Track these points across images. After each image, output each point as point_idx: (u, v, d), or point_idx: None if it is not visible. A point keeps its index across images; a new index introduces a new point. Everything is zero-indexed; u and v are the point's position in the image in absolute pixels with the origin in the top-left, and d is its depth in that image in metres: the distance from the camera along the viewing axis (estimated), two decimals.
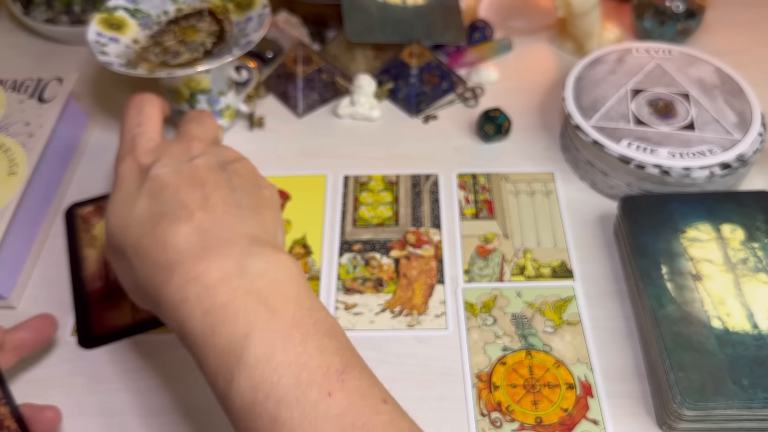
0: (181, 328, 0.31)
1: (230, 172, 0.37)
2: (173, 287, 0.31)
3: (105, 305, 0.46)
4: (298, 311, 0.31)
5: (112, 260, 0.38)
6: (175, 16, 0.56)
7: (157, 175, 0.35)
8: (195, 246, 0.32)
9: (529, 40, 0.67)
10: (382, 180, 0.55)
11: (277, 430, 0.28)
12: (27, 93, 0.53)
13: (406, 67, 0.60)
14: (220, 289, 0.30)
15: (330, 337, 0.30)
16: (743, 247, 0.44)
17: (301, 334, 0.30)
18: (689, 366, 0.38)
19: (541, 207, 0.52)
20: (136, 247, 0.34)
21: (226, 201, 0.35)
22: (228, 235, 0.33)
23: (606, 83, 0.55)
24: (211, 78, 0.53)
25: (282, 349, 0.29)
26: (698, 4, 0.63)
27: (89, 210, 0.52)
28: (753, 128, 0.50)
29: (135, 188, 0.36)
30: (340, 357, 0.30)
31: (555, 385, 0.42)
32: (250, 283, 0.31)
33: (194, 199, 0.34)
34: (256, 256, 0.32)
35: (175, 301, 0.31)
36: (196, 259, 0.31)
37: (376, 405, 0.29)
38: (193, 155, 0.37)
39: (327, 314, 0.32)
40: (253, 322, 0.30)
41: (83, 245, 0.49)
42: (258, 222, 0.35)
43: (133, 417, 0.41)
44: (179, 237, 0.32)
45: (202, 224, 0.33)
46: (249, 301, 0.30)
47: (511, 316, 0.45)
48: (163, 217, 0.33)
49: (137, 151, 0.37)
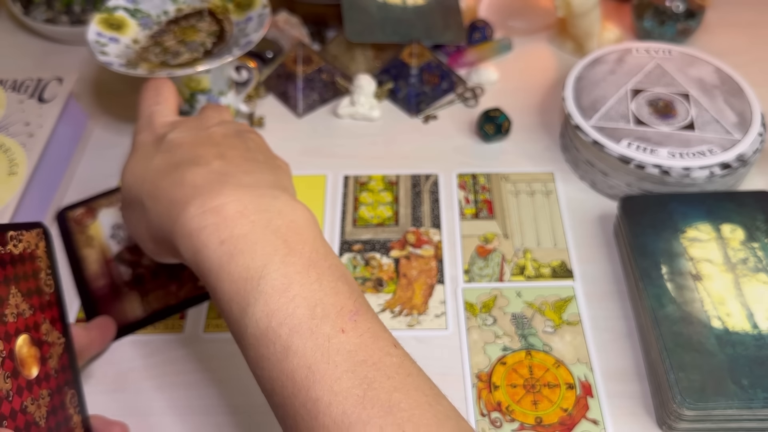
0: (197, 255, 0.31)
1: (245, 139, 0.38)
2: (189, 216, 0.32)
3: (112, 301, 0.46)
4: (314, 253, 0.31)
5: (125, 214, 0.38)
6: (175, 16, 0.56)
7: (173, 138, 0.37)
8: (213, 182, 0.33)
9: (529, 40, 0.67)
10: (382, 180, 0.55)
11: (289, 358, 0.28)
12: (27, 93, 0.53)
13: (406, 67, 0.60)
14: (238, 221, 0.31)
15: (343, 282, 0.31)
16: (743, 247, 0.44)
17: (317, 273, 0.30)
18: (689, 366, 0.38)
19: (541, 207, 0.52)
20: (153, 190, 0.34)
21: (242, 156, 0.36)
22: (246, 178, 0.34)
23: (606, 83, 0.55)
24: (211, 78, 0.53)
25: (298, 282, 0.30)
26: (698, 4, 0.63)
27: (81, 212, 0.52)
28: (753, 128, 0.50)
29: (152, 150, 0.37)
30: (353, 301, 0.30)
31: (555, 385, 0.42)
32: (268, 219, 0.32)
33: (211, 152, 0.35)
34: (275, 198, 0.33)
35: (191, 229, 0.32)
36: (214, 193, 0.32)
37: (387, 347, 0.29)
38: (209, 125, 0.38)
39: (340, 262, 0.33)
40: (271, 254, 0.30)
41: (81, 246, 0.49)
42: (274, 176, 0.36)
43: (133, 417, 0.41)
44: (197, 175, 0.33)
45: (220, 168, 0.34)
46: (267, 234, 0.31)
47: (511, 316, 0.45)
48: (181, 164, 0.34)
49: (154, 124, 0.39)
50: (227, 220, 0.31)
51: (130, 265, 0.48)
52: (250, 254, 0.30)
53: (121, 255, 0.49)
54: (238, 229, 0.31)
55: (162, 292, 0.47)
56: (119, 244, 0.50)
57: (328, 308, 0.29)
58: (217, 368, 0.43)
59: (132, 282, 0.47)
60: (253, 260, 0.30)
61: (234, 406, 0.42)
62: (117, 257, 0.49)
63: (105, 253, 0.49)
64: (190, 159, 0.35)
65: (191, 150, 0.36)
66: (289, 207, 0.33)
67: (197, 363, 0.44)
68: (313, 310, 0.29)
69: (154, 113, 0.40)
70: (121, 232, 0.50)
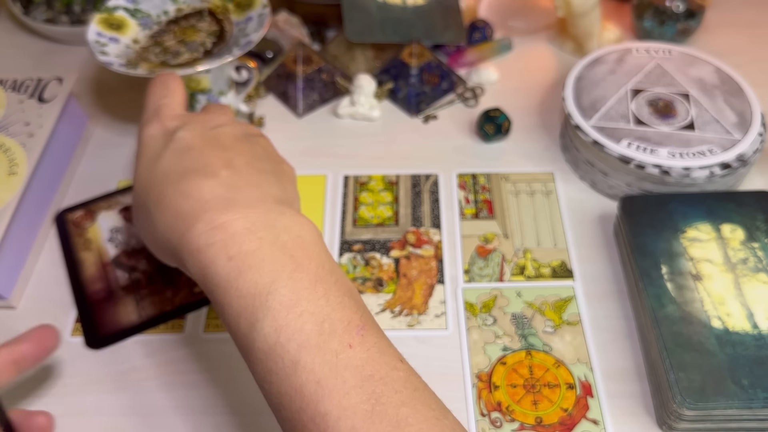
0: (204, 271, 0.32)
1: (253, 143, 0.38)
2: (197, 232, 0.32)
3: (108, 305, 0.46)
4: (321, 269, 0.32)
5: (135, 217, 0.38)
6: (175, 16, 0.56)
7: (182, 137, 0.36)
8: (220, 198, 0.33)
9: (529, 40, 0.67)
10: (382, 180, 0.55)
11: (297, 373, 0.28)
12: (27, 93, 0.53)
13: (406, 67, 0.60)
14: (246, 237, 0.31)
15: (349, 297, 0.31)
16: (743, 247, 0.44)
17: (324, 288, 0.31)
18: (689, 366, 0.38)
19: (541, 207, 0.52)
20: (160, 198, 0.34)
21: (250, 164, 0.36)
22: (253, 192, 0.34)
23: (606, 83, 0.55)
24: (211, 78, 0.53)
25: (306, 298, 0.30)
26: (698, 4, 0.63)
27: (80, 214, 0.52)
28: (753, 128, 0.50)
29: (160, 148, 0.36)
30: (359, 316, 0.30)
31: (555, 385, 0.42)
32: (275, 236, 0.32)
33: (219, 159, 0.35)
34: (281, 214, 0.33)
35: (199, 245, 0.32)
36: (221, 209, 0.32)
37: (393, 362, 0.29)
38: (218, 124, 0.38)
39: (345, 276, 0.33)
40: (279, 270, 0.30)
41: (78, 249, 0.49)
42: (280, 188, 0.36)
43: (133, 417, 0.41)
44: (204, 189, 0.33)
45: (227, 180, 0.34)
46: (275, 251, 0.31)
47: (511, 316, 0.45)
48: (188, 173, 0.34)
49: (162, 117, 0.38)
50: (235, 236, 0.31)
51: (126, 270, 0.48)
52: (258, 270, 0.30)
53: (118, 259, 0.49)
54: (246, 245, 0.31)
55: (157, 298, 0.46)
56: (117, 247, 0.49)
57: (335, 323, 0.29)
58: (217, 368, 0.43)
59: (128, 287, 0.47)
60: (261, 276, 0.30)
61: (234, 406, 0.42)
62: (114, 261, 0.49)
63: (102, 257, 0.49)
64: (198, 167, 0.34)
65: (200, 155, 0.35)
66: (295, 222, 0.33)
67: (197, 363, 0.44)
68: (320, 325, 0.29)
69: (162, 106, 0.39)
70: (119, 236, 0.50)
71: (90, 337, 0.45)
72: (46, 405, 0.42)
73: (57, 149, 0.53)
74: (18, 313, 0.47)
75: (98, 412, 0.41)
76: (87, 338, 0.45)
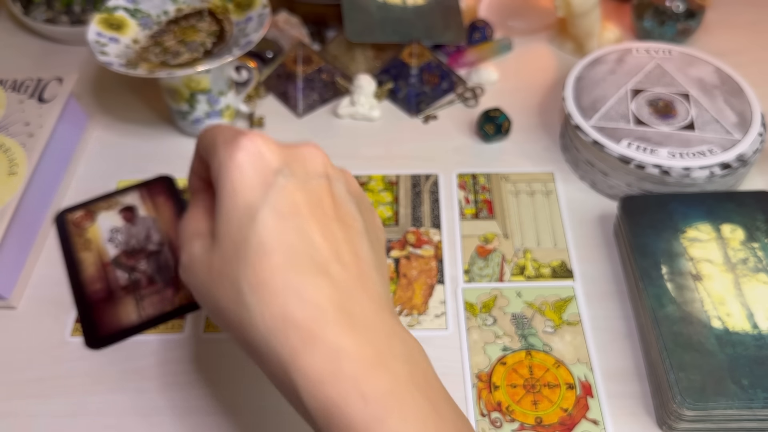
0: (331, 409, 0.26)
1: (357, 212, 0.31)
2: (317, 357, 0.26)
3: (108, 306, 0.46)
4: (459, 422, 0.28)
5: (200, 265, 0.30)
6: (175, 16, 0.56)
7: (284, 187, 0.28)
8: (338, 308, 0.27)
9: (529, 40, 0.67)
10: (382, 180, 0.55)
11: None
12: (27, 93, 0.53)
13: (406, 67, 0.60)
14: (377, 371, 0.26)
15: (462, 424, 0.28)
16: (743, 247, 0.44)
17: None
18: (689, 366, 0.38)
19: (541, 207, 0.52)
20: (260, 283, 0.27)
21: (357, 254, 0.30)
22: (367, 303, 0.28)
23: (606, 83, 0.55)
24: (211, 78, 0.53)
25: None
26: (698, 4, 0.63)
27: (80, 215, 0.52)
28: (753, 128, 0.50)
29: (258, 194, 0.28)
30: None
31: (555, 385, 0.42)
32: (409, 372, 0.27)
33: (326, 241, 0.29)
34: (404, 340, 0.29)
35: (321, 373, 0.26)
36: (342, 325, 0.27)
37: None
38: (319, 171, 0.30)
39: (460, 413, 0.29)
40: (424, 420, 0.26)
41: (78, 249, 0.49)
42: (383, 282, 0.31)
43: (133, 417, 0.41)
44: (319, 292, 0.27)
45: (339, 278, 0.28)
46: (412, 391, 0.27)
47: (511, 316, 0.45)
48: (297, 259, 0.28)
49: (255, 138, 0.29)
50: (366, 368, 0.26)
51: (126, 270, 0.48)
52: (400, 419, 0.26)
53: (117, 259, 0.49)
54: (381, 382, 0.26)
55: (157, 298, 0.46)
56: (117, 247, 0.49)
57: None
58: (217, 368, 0.43)
59: (128, 287, 0.47)
60: (404, 425, 0.26)
61: (234, 406, 0.42)
62: (114, 261, 0.49)
63: (102, 257, 0.49)
64: (306, 250, 0.28)
65: (306, 228, 0.28)
66: (417, 351, 0.29)
67: (197, 363, 0.44)
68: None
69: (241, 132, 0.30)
70: (119, 236, 0.50)
71: (90, 337, 0.45)
72: (46, 405, 0.42)
73: (57, 149, 0.53)
74: (18, 313, 0.47)
75: (98, 412, 0.41)
76: (87, 338, 0.45)
